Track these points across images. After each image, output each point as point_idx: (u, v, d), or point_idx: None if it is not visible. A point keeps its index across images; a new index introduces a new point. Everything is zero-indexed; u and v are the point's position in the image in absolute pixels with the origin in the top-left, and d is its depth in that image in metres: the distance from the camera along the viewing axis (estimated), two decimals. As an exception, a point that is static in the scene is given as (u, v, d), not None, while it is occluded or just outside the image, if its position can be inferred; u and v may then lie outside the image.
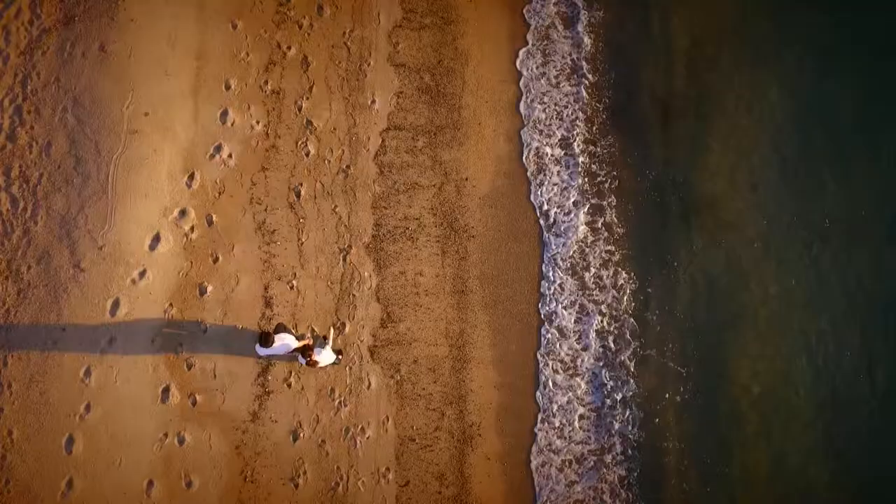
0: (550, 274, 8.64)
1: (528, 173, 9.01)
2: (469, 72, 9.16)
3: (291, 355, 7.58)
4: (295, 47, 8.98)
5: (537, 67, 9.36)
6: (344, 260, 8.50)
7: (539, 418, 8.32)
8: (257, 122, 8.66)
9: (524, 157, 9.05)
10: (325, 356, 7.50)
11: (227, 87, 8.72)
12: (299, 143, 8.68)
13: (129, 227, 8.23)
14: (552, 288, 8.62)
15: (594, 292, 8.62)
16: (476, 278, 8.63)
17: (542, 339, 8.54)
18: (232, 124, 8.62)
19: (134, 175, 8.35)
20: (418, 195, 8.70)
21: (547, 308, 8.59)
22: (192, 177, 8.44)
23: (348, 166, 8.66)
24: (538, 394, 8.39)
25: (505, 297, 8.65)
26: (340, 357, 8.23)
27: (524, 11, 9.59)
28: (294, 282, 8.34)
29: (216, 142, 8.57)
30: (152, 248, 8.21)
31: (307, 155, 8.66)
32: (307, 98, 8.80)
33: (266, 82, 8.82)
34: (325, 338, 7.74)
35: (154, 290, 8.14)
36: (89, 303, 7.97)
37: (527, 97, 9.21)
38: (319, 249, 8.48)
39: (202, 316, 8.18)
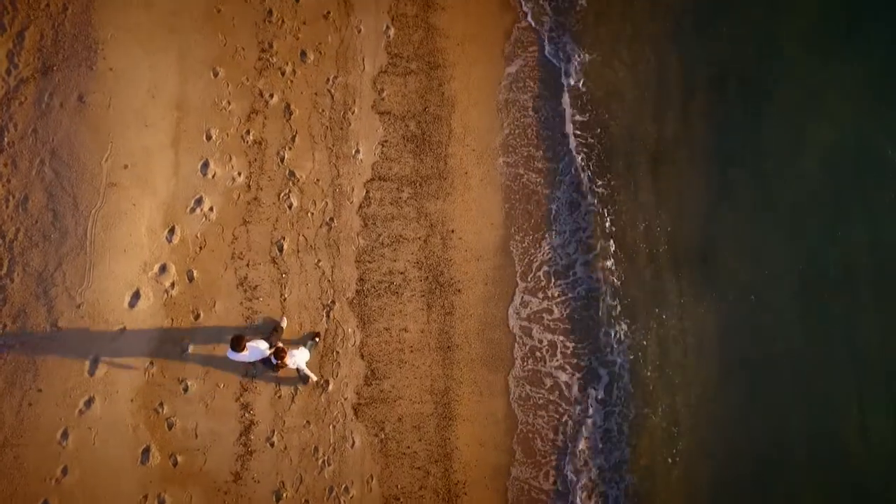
0: (534, 331, 8.69)
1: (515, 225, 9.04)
2: (456, 119, 9.26)
3: (264, 361, 7.77)
4: (277, 95, 9.05)
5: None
6: (327, 316, 8.60)
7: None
8: (239, 174, 8.75)
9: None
10: (297, 357, 7.84)
11: (208, 138, 8.80)
12: (282, 195, 8.76)
13: (108, 283, 8.33)
14: (537, 344, 8.67)
15: (584, 352, 8.68)
16: (462, 334, 8.75)
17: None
18: (213, 176, 8.71)
19: (113, 230, 8.45)
20: (403, 248, 8.79)
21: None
22: (172, 231, 8.54)
23: (332, 219, 8.75)
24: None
25: (491, 352, 8.72)
26: (318, 339, 8.89)
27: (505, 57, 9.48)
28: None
29: (197, 194, 8.67)
30: (132, 305, 8.32)
31: (290, 207, 8.74)
32: (290, 148, 8.89)
33: (248, 132, 8.89)
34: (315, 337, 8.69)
35: (134, 349, 8.19)
36: (67, 362, 8.08)
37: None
38: (302, 305, 8.58)
39: (183, 374, 8.30)
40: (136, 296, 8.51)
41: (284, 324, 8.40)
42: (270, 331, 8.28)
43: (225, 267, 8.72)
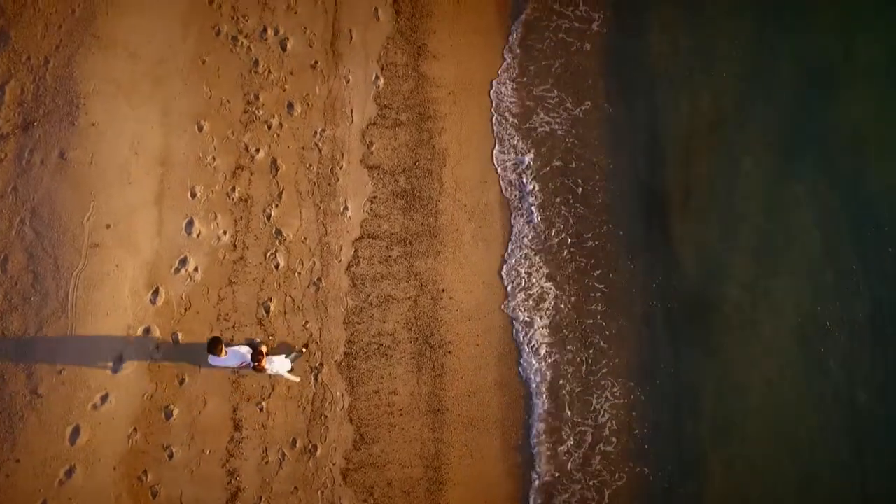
0: (533, 396, 8.81)
1: (509, 285, 9.15)
2: (447, 173, 9.38)
3: (245, 365, 8.09)
4: (263, 150, 9.15)
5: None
6: (315, 379, 8.71)
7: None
8: (224, 233, 8.85)
9: (503, 268, 9.21)
10: (276, 364, 8.12)
11: (193, 195, 8.90)
12: (268, 254, 8.87)
13: (90, 347, 8.50)
14: (534, 405, 8.80)
15: (576, 412, 8.82)
16: (452, 396, 8.85)
17: (523, 457, 8.69)
18: (198, 235, 8.81)
19: (95, 292, 8.57)
20: (393, 309, 8.89)
21: (528, 426, 8.74)
22: (156, 293, 8.63)
23: (319, 279, 8.85)
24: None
25: (483, 415, 8.82)
26: (304, 350, 9.23)
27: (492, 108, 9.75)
28: (263, 403, 8.56)
29: (181, 255, 8.77)
30: (115, 370, 8.44)
31: (276, 267, 8.84)
32: (276, 205, 9.01)
33: (233, 189, 8.98)
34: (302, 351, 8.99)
35: (117, 415, 8.37)
36: (47, 431, 8.19)
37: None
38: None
39: (168, 441, 8.42)
40: (119, 360, 8.64)
41: (264, 349, 8.53)
42: (251, 343, 8.89)
43: (210, 329, 8.83)
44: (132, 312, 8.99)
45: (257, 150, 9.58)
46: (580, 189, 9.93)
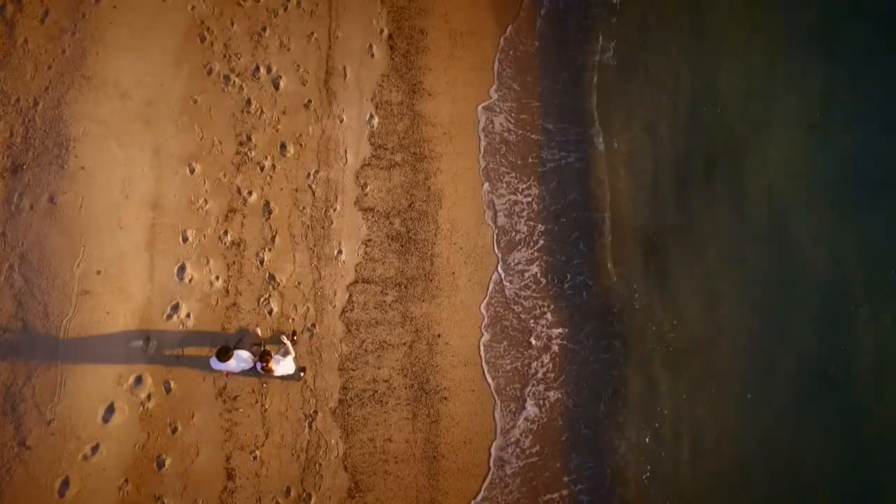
0: (524, 440, 9.01)
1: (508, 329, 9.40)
2: (442, 215, 9.51)
3: (250, 370, 8.54)
4: (256, 192, 9.25)
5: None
6: (310, 427, 8.83)
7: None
8: (216, 278, 8.96)
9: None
10: (283, 366, 8.40)
11: (185, 240, 9.01)
12: (261, 299, 8.98)
13: (81, 397, 8.54)
14: (521, 452, 9.02)
15: (575, 460, 8.99)
16: (448, 443, 8.98)
17: None
18: (190, 281, 8.91)
19: (86, 340, 8.55)
20: (388, 355, 9.02)
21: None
22: (148, 340, 8.66)
23: (313, 324, 8.97)
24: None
25: (479, 462, 8.94)
26: (303, 374, 9.40)
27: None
28: (257, 452, 8.67)
29: (173, 300, 8.88)
30: (106, 419, 8.52)
31: (270, 313, 8.98)
32: (269, 249, 9.13)
33: (226, 233, 9.10)
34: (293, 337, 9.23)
35: (108, 466, 8.46)
36: (36, 484, 8.31)
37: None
38: (283, 416, 8.79)
39: (160, 491, 8.55)
40: (111, 410, 8.72)
41: (259, 332, 9.31)
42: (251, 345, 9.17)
43: (203, 377, 8.96)
44: (125, 361, 9.04)
45: (250, 193, 9.68)
46: (577, 234, 10.03)
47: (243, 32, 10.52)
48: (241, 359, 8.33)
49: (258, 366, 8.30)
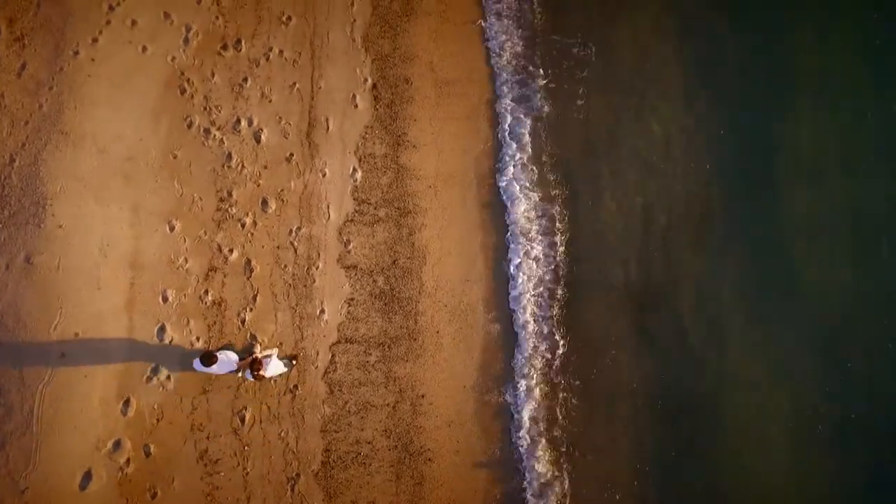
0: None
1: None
2: (427, 272, 9.81)
3: (240, 375, 9.20)
4: (237, 250, 9.51)
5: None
6: (292, 490, 9.10)
7: None
8: (197, 339, 9.24)
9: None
10: (272, 367, 8.98)
11: (165, 300, 9.25)
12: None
13: (57, 464, 8.75)
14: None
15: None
16: (433, 506, 9.26)
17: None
18: (170, 342, 9.16)
19: (62, 405, 8.93)
20: (371, 416, 9.31)
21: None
22: (127, 403, 9.01)
23: (296, 386, 9.25)
24: None
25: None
26: (295, 362, 9.87)
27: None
28: (238, 517, 8.90)
29: (153, 363, 9.22)
30: (83, 487, 8.77)
31: None
32: (251, 309, 9.40)
33: (206, 292, 9.34)
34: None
35: (86, 534, 8.66)
36: (14, 554, 8.50)
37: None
38: (266, 479, 9.07)
39: (138, 559, 8.72)
40: (88, 476, 8.96)
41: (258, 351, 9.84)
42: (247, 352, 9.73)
43: (184, 440, 9.18)
44: (102, 425, 9.33)
45: (231, 251, 9.92)
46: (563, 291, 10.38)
47: (224, 84, 10.76)
48: (228, 363, 8.83)
49: (248, 374, 8.88)
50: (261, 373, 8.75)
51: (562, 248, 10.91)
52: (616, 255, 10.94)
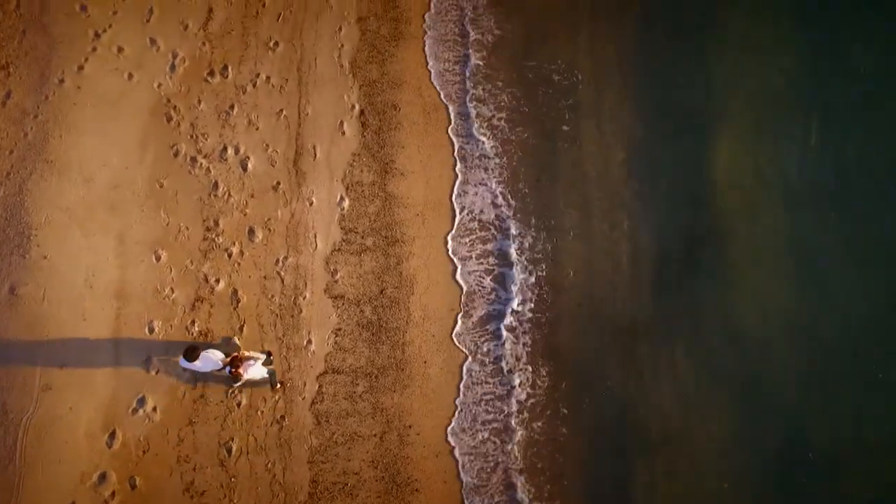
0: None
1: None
2: (414, 302, 10.03)
3: (219, 372, 9.41)
4: (224, 280, 9.71)
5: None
6: (278, 523, 9.28)
7: None
8: (183, 370, 9.30)
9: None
10: (252, 370, 9.32)
11: (151, 331, 9.47)
12: (230, 391, 9.46)
13: (41, 498, 9.07)
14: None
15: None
16: (420, 537, 9.48)
17: None
18: (156, 373, 9.27)
19: (47, 437, 9.07)
20: (358, 447, 9.53)
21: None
22: (112, 435, 9.18)
23: (283, 417, 9.43)
24: None
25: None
26: (272, 357, 10.09)
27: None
28: (225, 550, 9.09)
29: (139, 394, 9.35)
30: (68, 520, 8.93)
31: (238, 405, 9.46)
32: (238, 339, 9.48)
33: (192, 322, 9.58)
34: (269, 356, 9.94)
35: (71, 568, 8.86)
36: (-1, 588, 8.67)
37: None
38: (252, 511, 9.25)
39: (124, 593, 8.91)
40: (73, 510, 9.10)
41: (237, 341, 10.25)
42: (227, 343, 10.03)
43: (170, 472, 9.38)
44: (87, 457, 9.52)
45: (217, 281, 10.11)
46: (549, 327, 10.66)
47: (211, 111, 10.97)
48: (212, 361, 9.14)
49: (227, 370, 9.15)
50: (239, 370, 9.09)
51: (543, 277, 11.11)
52: (600, 284, 11.15)
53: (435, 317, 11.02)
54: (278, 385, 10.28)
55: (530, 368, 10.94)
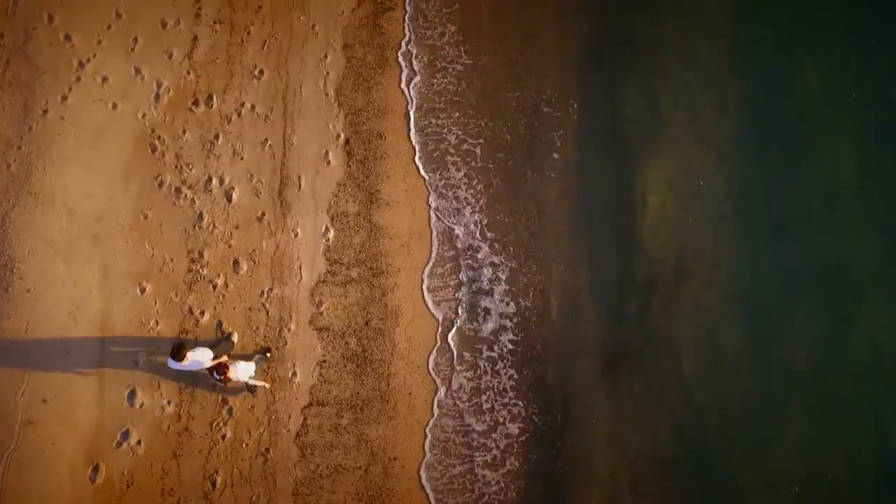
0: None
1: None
2: (399, 333, 10.31)
3: (205, 373, 9.67)
4: (209, 312, 9.98)
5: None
6: (263, 556, 9.52)
7: None
8: (168, 403, 9.67)
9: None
10: (241, 370, 9.56)
11: (136, 363, 9.68)
12: (214, 424, 9.69)
13: None
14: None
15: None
16: (405, 569, 9.76)
17: None
18: (141, 406, 9.63)
19: (29, 473, 9.40)
20: (343, 479, 9.83)
21: None
22: (96, 469, 9.42)
23: (268, 449, 9.69)
24: None
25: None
26: (269, 353, 10.67)
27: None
28: (209, 584, 9.32)
29: (123, 427, 9.59)
30: (51, 556, 9.13)
31: (223, 438, 9.69)
32: (234, 337, 9.86)
33: None
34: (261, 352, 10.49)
35: None
36: None
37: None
38: (236, 545, 9.50)
39: None
40: (57, 545, 9.30)
41: (235, 338, 10.59)
42: (218, 342, 10.26)
43: (153, 506, 9.57)
44: (70, 493, 9.78)
45: (202, 313, 10.37)
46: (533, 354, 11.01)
47: (195, 141, 11.22)
48: (199, 362, 9.32)
49: (215, 376, 9.34)
50: (227, 375, 9.28)
51: (528, 309, 11.44)
52: (585, 318, 11.50)
53: (420, 348, 11.32)
54: (263, 385, 10.64)
55: (510, 400, 11.25)
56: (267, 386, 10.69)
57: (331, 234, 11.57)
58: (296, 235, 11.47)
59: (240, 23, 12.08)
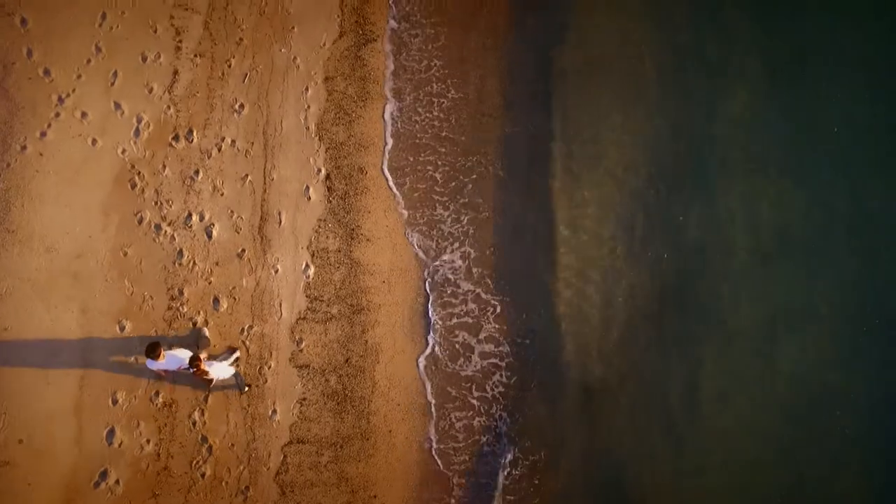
0: None
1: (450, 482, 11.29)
2: (379, 370, 10.68)
3: (185, 370, 9.96)
4: (189, 349, 10.15)
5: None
6: None
7: None
8: (147, 442, 9.94)
9: (441, 466, 11.44)
10: (217, 369, 10.01)
11: (114, 402, 10.06)
12: (194, 463, 10.01)
13: None
14: None
15: None
16: None
17: None
18: (119, 445, 9.92)
19: None
20: (323, 517, 10.11)
21: None
22: None
23: (247, 487, 10.03)
24: None
25: None
26: (237, 353, 11.05)
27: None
28: None
29: (102, 467, 9.90)
30: None
31: (203, 476, 10.04)
32: (202, 411, 10.20)
33: (157, 394, 10.18)
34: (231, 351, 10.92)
35: None
36: None
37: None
38: (215, 584, 9.78)
39: None
40: (34, 587, 9.56)
41: (207, 333, 11.04)
42: (195, 340, 10.82)
43: (132, 546, 9.85)
44: (48, 534, 9.96)
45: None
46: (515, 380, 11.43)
47: (175, 177, 11.53)
48: (177, 359, 9.81)
49: (190, 369, 9.64)
50: (202, 368, 9.56)
51: (508, 345, 11.87)
52: (568, 352, 11.92)
53: (401, 385, 11.71)
54: (246, 389, 11.08)
55: (491, 441, 11.66)
56: (245, 389, 11.11)
57: (311, 271, 11.91)
58: (276, 272, 11.81)
59: (220, 56, 12.40)
